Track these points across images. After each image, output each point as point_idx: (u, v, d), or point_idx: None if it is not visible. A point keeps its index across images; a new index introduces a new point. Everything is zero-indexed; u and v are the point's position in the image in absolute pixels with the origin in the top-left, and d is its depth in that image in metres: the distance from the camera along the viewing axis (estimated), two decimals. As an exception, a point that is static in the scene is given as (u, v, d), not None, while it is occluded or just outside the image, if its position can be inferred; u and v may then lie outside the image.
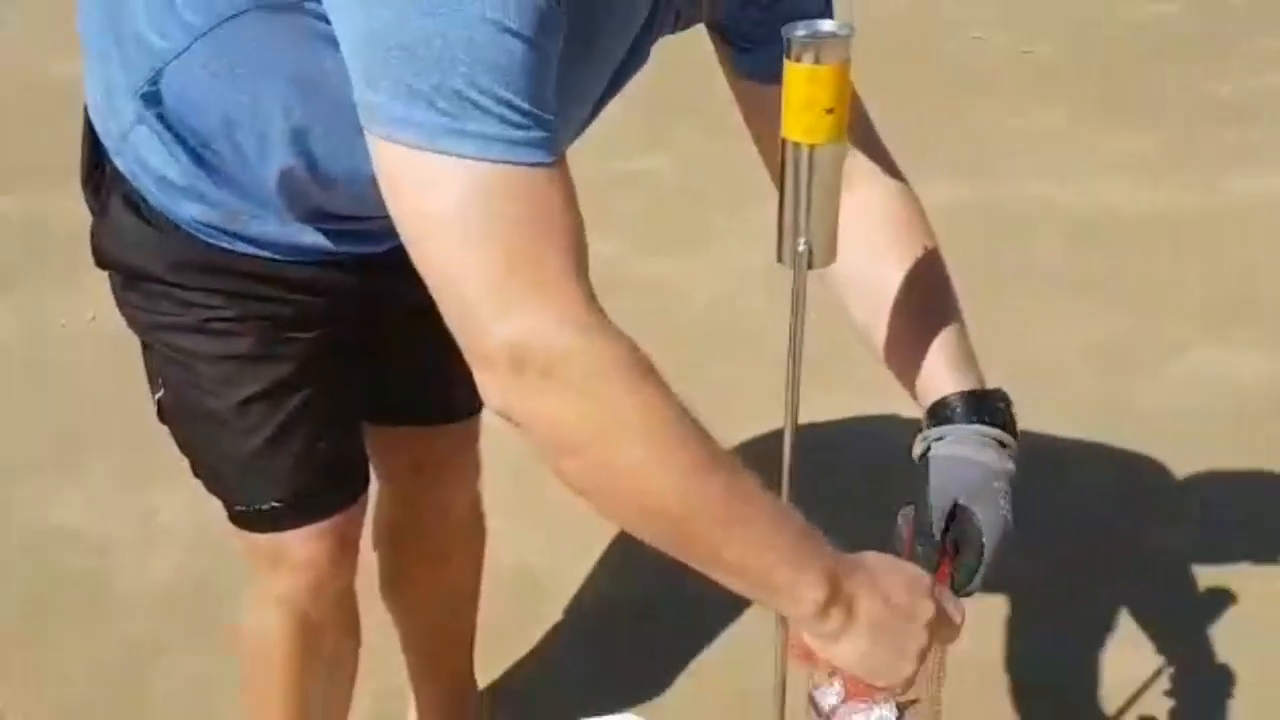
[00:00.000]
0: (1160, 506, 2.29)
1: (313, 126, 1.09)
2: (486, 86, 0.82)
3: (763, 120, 1.08)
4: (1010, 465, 1.07)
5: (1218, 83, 4.17)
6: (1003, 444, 1.07)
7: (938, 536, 1.02)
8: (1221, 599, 2.04)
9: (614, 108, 1.14)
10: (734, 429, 2.09)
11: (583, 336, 0.85)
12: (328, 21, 0.91)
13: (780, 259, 0.92)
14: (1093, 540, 2.20)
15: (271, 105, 1.08)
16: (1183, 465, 2.35)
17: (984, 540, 1.02)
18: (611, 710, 1.58)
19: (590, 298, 0.86)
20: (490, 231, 0.84)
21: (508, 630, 2.00)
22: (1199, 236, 3.21)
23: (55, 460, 2.41)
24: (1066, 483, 2.33)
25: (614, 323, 0.87)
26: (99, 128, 1.20)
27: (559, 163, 0.87)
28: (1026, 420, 2.63)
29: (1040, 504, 2.26)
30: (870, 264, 1.12)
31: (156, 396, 1.31)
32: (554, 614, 2.06)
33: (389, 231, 0.91)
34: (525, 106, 0.84)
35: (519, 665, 1.96)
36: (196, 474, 1.36)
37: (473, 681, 1.80)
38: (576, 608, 2.07)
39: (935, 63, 4.37)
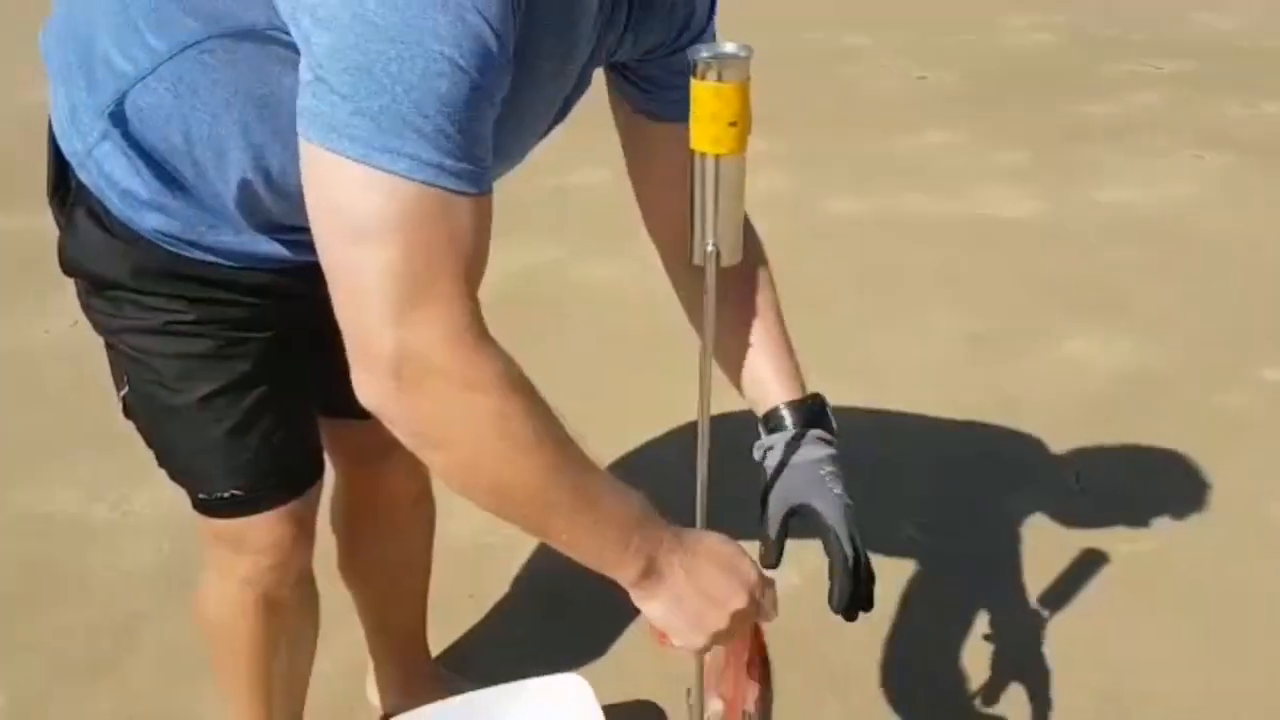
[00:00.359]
0: (1031, 476, 2.32)
1: (269, 144, 1.06)
2: (431, 114, 0.82)
3: (644, 151, 1.15)
4: (834, 452, 1.13)
5: (1089, 104, 4.25)
6: (825, 440, 1.13)
7: (773, 537, 1.09)
8: (1089, 558, 2.08)
9: (559, 128, 1.14)
10: (672, 417, 2.10)
11: (461, 350, 0.86)
12: (287, 46, 0.89)
13: (692, 259, 0.92)
14: (969, 507, 2.23)
15: (230, 124, 1.06)
16: (1053, 441, 2.39)
17: (831, 525, 1.07)
18: (556, 672, 1.58)
19: (475, 316, 0.87)
20: (402, 247, 0.84)
21: (460, 603, 1.98)
22: (1067, 240, 3.28)
23: (39, 455, 2.35)
24: (948, 458, 2.37)
25: (494, 340, 0.88)
26: (63, 145, 1.16)
27: (482, 195, 0.87)
28: (915, 404, 2.69)
29: (924, 477, 2.31)
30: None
31: (121, 394, 1.28)
32: (504, 588, 2.04)
33: None
34: (461, 140, 0.83)
35: (470, 634, 1.94)
36: (161, 465, 1.33)
37: (426, 651, 1.78)
38: (527, 582, 2.05)
39: (838, 87, 4.41)
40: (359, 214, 0.84)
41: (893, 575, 2.06)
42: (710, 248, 0.89)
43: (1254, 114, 4.20)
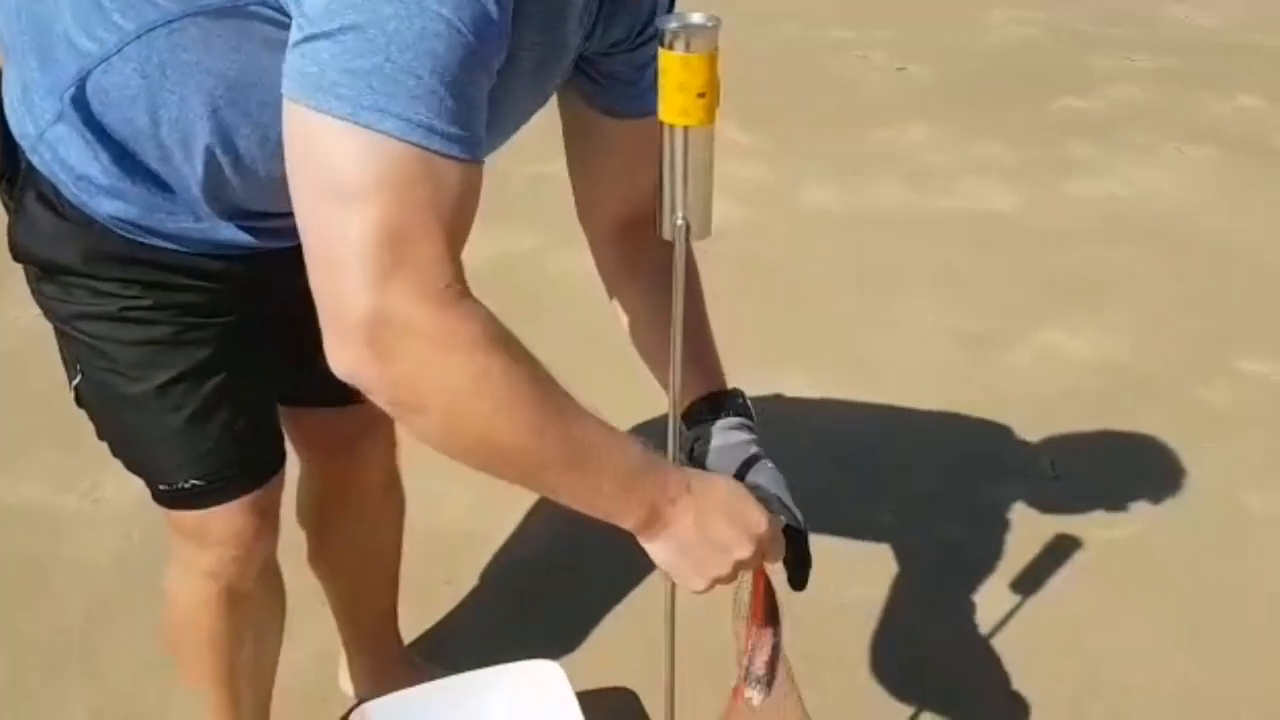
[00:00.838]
0: (1009, 465, 2.32)
1: (239, 126, 1.04)
2: (424, 76, 0.80)
3: (593, 146, 1.15)
4: (755, 436, 1.13)
5: (1070, 99, 4.26)
6: (747, 425, 1.14)
7: None
8: (1066, 545, 2.07)
9: (534, 119, 1.12)
10: (647, 407, 2.09)
11: (437, 311, 0.83)
12: (270, 22, 0.88)
13: (661, 233, 0.90)
14: (945, 494, 2.23)
15: (199, 106, 1.03)
16: (1032, 431, 2.39)
17: (775, 493, 1.07)
18: (530, 659, 1.57)
19: (455, 278, 0.84)
20: (385, 208, 0.81)
21: (436, 590, 1.97)
22: (1048, 234, 3.28)
23: (6, 446, 2.31)
24: (925, 446, 2.37)
25: (474, 300, 0.86)
26: (14, 127, 1.12)
27: (472, 162, 0.84)
28: (894, 395, 2.69)
29: (910, 466, 2.30)
30: (640, 295, 1.19)
31: (74, 383, 1.24)
32: (476, 574, 2.02)
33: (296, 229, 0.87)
34: (454, 105, 0.81)
35: (443, 621, 1.93)
36: (117, 455, 1.30)
37: (398, 638, 1.77)
38: (503, 570, 2.04)
39: (820, 80, 4.41)
40: (343, 174, 0.81)
41: (868, 562, 2.06)
42: (680, 221, 0.88)
43: (1235, 109, 4.21)
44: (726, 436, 1.12)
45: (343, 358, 0.85)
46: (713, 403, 1.14)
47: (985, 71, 4.56)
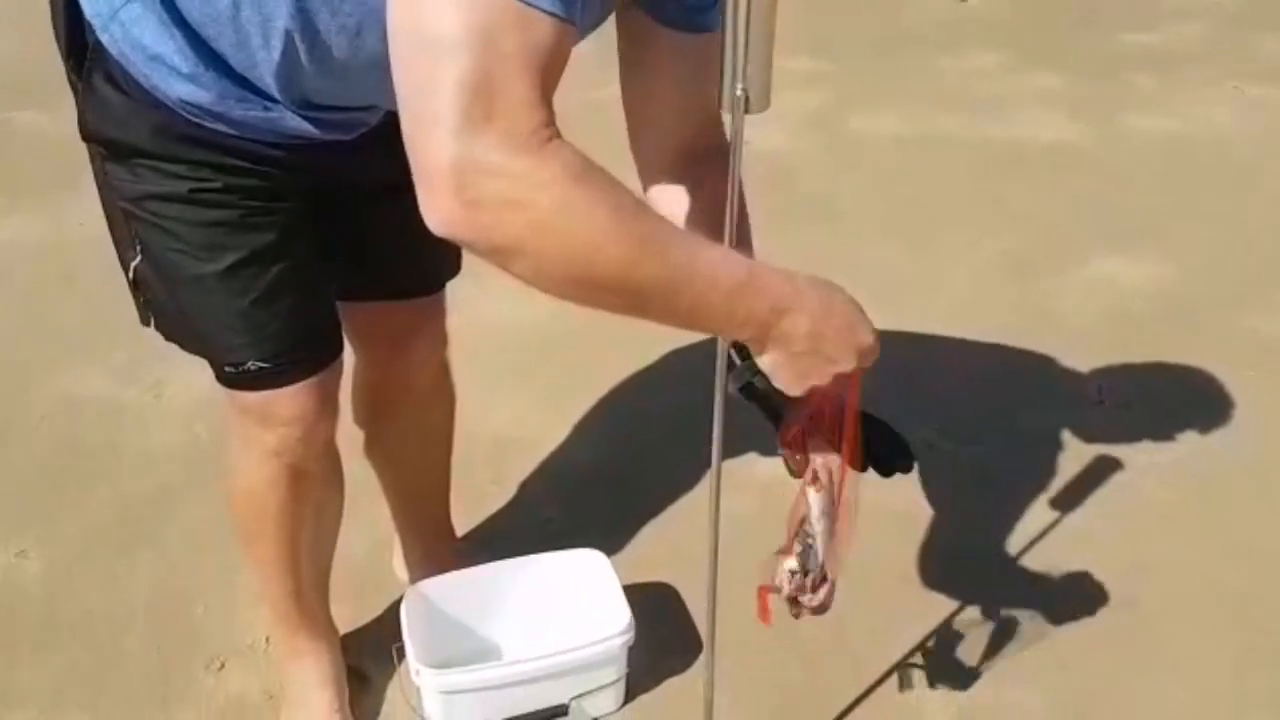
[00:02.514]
0: (1054, 389, 2.31)
1: (319, 9, 1.04)
2: None
3: (646, 63, 1.15)
4: None
5: (1136, 34, 4.17)
6: None
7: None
8: (1108, 466, 2.08)
9: (586, 44, 1.12)
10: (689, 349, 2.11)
11: (523, 155, 0.84)
12: None
13: (720, 105, 0.91)
14: (990, 415, 2.23)
15: None
16: (1078, 357, 2.37)
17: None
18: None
19: (541, 123, 0.85)
20: (477, 55, 0.82)
21: (485, 489, 2.01)
22: (1103, 165, 3.24)
23: (73, 343, 2.39)
24: (971, 368, 2.37)
25: (562, 142, 0.86)
26: (85, 4, 1.13)
27: (566, 21, 0.85)
28: (944, 318, 2.68)
29: (946, 385, 2.31)
30: (695, 226, 1.16)
31: (134, 263, 1.26)
32: (523, 476, 2.06)
33: (362, 121, 0.93)
34: None
35: (494, 518, 1.97)
36: (177, 338, 1.32)
37: (450, 528, 1.82)
38: (551, 472, 2.08)
39: (881, 12, 4.34)
40: (442, 24, 0.83)
41: (910, 478, 2.07)
42: (740, 91, 0.89)
43: (1301, 49, 4.09)
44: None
45: (435, 209, 0.86)
46: None
47: (1052, 4, 4.46)
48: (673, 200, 1.20)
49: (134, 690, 1.65)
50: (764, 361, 1.00)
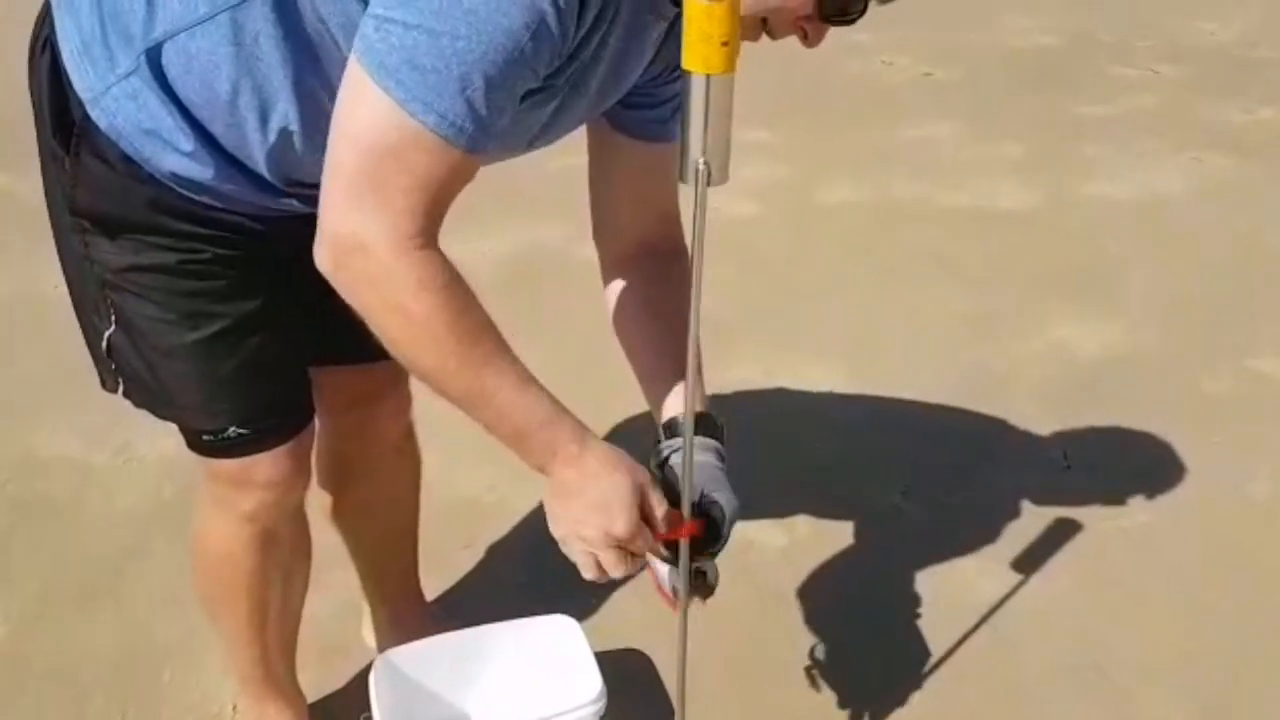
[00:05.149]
0: (1019, 453, 2.33)
1: (318, 90, 1.08)
2: (475, 86, 0.94)
3: (608, 163, 1.27)
4: (724, 461, 1.25)
5: (1084, 105, 4.28)
6: (719, 450, 1.25)
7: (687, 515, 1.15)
8: (1075, 532, 2.09)
9: None
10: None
11: (395, 251, 0.98)
12: None
13: (683, 178, 0.94)
14: (955, 478, 2.25)
15: (285, 77, 1.07)
16: (1042, 420, 2.40)
17: (727, 514, 1.18)
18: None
19: (424, 233, 0.99)
20: (390, 164, 0.96)
21: (455, 554, 2.00)
22: (1063, 232, 3.30)
23: (42, 401, 2.37)
24: (937, 432, 2.39)
25: (438, 258, 1.01)
26: (75, 80, 1.13)
27: (470, 154, 0.98)
28: (908, 382, 2.70)
29: (912, 449, 2.32)
30: (639, 314, 1.31)
31: (106, 334, 1.26)
32: (494, 539, 2.05)
33: None
34: (487, 112, 0.96)
35: (462, 581, 1.96)
36: (151, 407, 1.31)
37: (419, 592, 1.80)
38: (522, 535, 2.07)
39: (847, 83, 4.43)
40: (373, 133, 0.96)
41: (877, 540, 2.08)
42: (701, 166, 0.91)
43: (1254, 120, 4.21)
44: (701, 454, 1.20)
45: (317, 252, 1.02)
46: (698, 420, 1.20)
47: (1007, 77, 4.58)
48: (624, 297, 1.30)
49: (98, 758, 1.62)
50: (545, 498, 1.12)
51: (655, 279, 1.29)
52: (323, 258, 1.01)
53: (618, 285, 1.31)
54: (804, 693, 1.74)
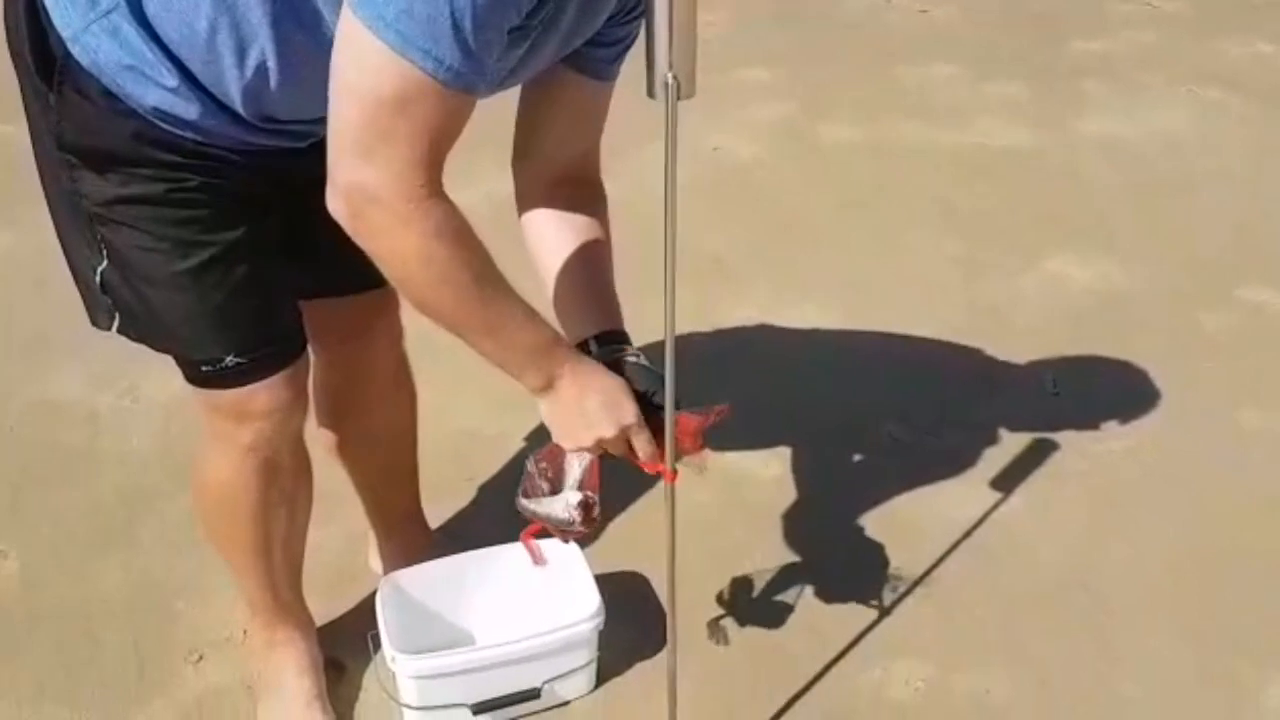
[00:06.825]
0: (1008, 382, 2.36)
1: (294, 34, 1.09)
2: (466, 28, 0.96)
3: (544, 95, 1.29)
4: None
5: (1084, 41, 4.23)
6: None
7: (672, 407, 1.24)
8: (1062, 455, 2.12)
9: None
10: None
11: (405, 198, 1.03)
12: None
13: (651, 94, 0.96)
14: (948, 407, 2.28)
15: (262, 16, 1.09)
16: (1032, 351, 2.43)
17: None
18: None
19: (427, 181, 1.03)
20: (380, 107, 1.00)
21: (459, 485, 2.04)
22: (1057, 169, 3.29)
23: (48, 347, 2.39)
24: (929, 364, 2.42)
25: (445, 202, 1.05)
26: (56, 18, 1.15)
27: (466, 95, 1.01)
28: (901, 317, 2.72)
29: (905, 380, 2.35)
30: (559, 240, 1.36)
31: (99, 269, 1.28)
32: (495, 470, 2.08)
33: (314, 132, 1.08)
34: (478, 52, 0.98)
35: (465, 510, 2.00)
36: (150, 339, 1.34)
37: (422, 521, 1.84)
38: (517, 465, 2.09)
39: (844, 23, 4.40)
40: (376, 84, 0.99)
41: (869, 467, 2.12)
42: (670, 79, 0.93)
43: (1251, 55, 4.17)
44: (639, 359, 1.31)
45: (331, 203, 1.06)
46: (619, 336, 1.32)
47: (1007, 14, 4.53)
48: (543, 224, 1.35)
49: (113, 683, 1.67)
50: (544, 412, 1.23)
51: (576, 207, 1.35)
52: (338, 209, 1.06)
53: (537, 213, 1.35)
54: (797, 610, 1.78)
